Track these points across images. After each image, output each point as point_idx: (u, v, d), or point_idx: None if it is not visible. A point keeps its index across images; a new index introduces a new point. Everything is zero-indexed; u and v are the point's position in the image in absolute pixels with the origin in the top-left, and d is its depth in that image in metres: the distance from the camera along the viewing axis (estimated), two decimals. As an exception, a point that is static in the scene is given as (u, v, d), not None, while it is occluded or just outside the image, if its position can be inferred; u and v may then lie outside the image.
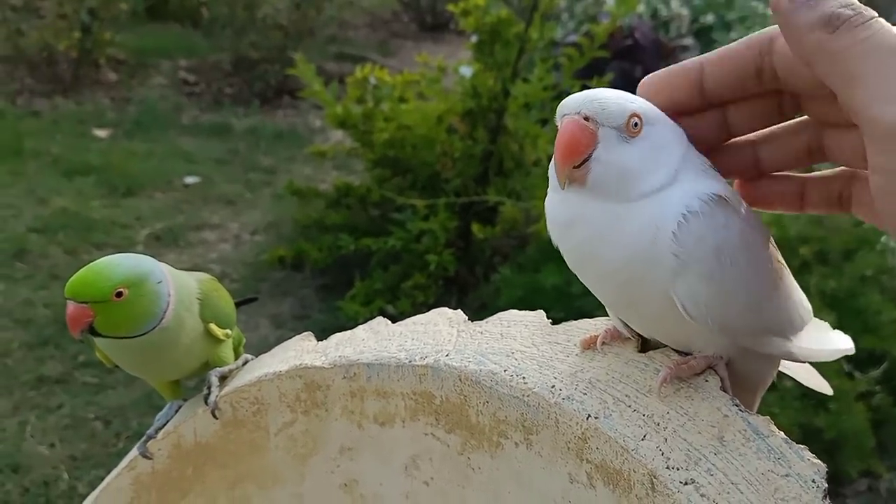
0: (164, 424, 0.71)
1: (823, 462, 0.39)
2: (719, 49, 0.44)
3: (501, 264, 2.55)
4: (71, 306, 0.59)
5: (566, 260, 0.45)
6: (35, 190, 3.19)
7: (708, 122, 0.46)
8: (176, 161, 3.59)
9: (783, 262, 0.48)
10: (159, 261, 0.68)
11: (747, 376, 0.47)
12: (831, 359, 0.52)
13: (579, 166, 0.42)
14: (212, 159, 3.65)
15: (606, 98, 0.42)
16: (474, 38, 2.58)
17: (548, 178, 0.45)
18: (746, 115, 0.46)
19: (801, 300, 0.48)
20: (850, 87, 0.37)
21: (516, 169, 2.58)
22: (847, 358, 2.11)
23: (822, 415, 1.93)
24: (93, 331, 0.61)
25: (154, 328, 0.62)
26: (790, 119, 0.47)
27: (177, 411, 0.72)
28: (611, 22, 2.69)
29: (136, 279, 0.61)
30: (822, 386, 0.57)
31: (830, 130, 0.45)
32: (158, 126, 3.92)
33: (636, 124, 0.42)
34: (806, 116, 0.46)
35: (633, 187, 0.42)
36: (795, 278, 0.51)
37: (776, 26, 0.41)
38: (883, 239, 2.31)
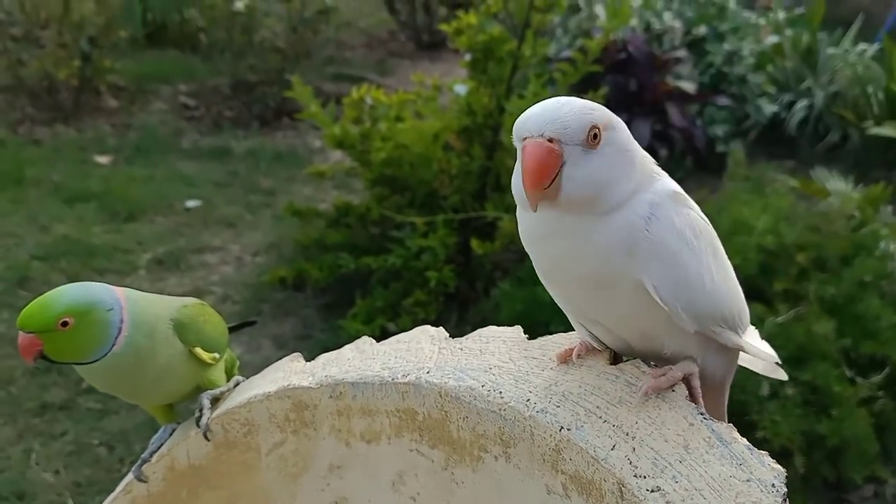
0: (159, 448, 0.73)
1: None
2: None
3: (501, 279, 2.56)
4: (21, 336, 0.63)
5: (538, 270, 0.47)
6: (37, 217, 3.21)
7: None
8: (176, 185, 3.61)
9: (727, 259, 0.50)
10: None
11: (713, 373, 0.49)
12: (767, 359, 0.55)
13: (549, 186, 0.43)
14: (212, 182, 3.68)
15: (566, 116, 0.43)
16: (468, 57, 2.60)
17: None
18: None
19: (743, 298, 0.51)
20: None
21: (513, 184, 2.59)
22: (848, 364, 2.12)
23: (824, 422, 1.92)
24: (47, 357, 0.63)
25: (106, 354, 0.64)
26: None
27: (171, 434, 0.73)
28: (604, 36, 2.72)
29: (82, 309, 0.63)
30: (780, 374, 0.60)
31: None
32: (159, 151, 3.95)
33: (595, 136, 0.43)
34: None
35: (605, 198, 0.43)
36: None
37: None
38: (881, 244, 2.32)
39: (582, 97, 0.48)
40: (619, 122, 0.44)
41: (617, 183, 0.43)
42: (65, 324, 0.62)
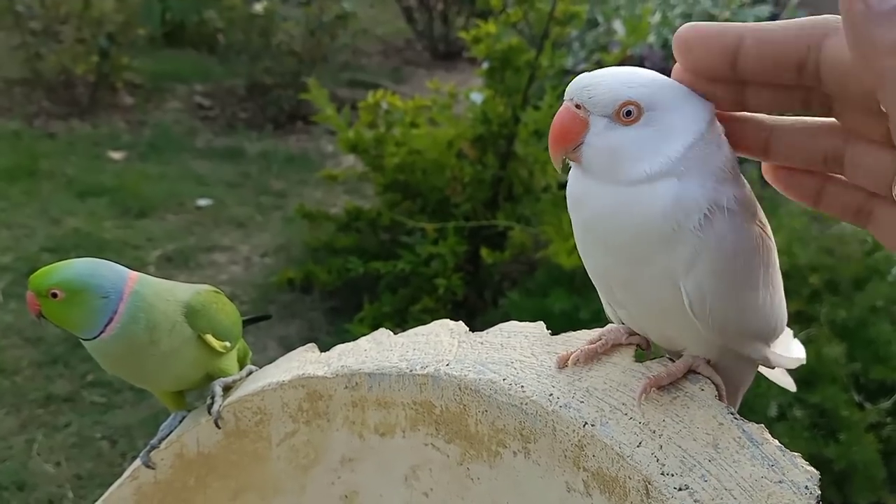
0: (168, 434, 0.72)
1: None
2: (766, 25, 0.39)
3: (510, 289, 2.55)
4: (28, 291, 0.65)
5: (575, 234, 0.46)
6: (49, 210, 3.22)
7: (725, 93, 0.42)
8: (188, 183, 3.62)
9: (778, 265, 0.48)
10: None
11: (729, 376, 0.47)
12: (792, 367, 0.53)
13: (575, 149, 0.43)
14: (224, 182, 3.69)
15: (597, 84, 0.42)
16: (485, 65, 2.60)
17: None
18: (768, 99, 0.42)
19: (785, 308, 0.49)
20: None
21: (525, 194, 2.59)
22: (857, 388, 2.10)
23: (832, 445, 1.91)
24: (47, 318, 0.65)
25: (95, 337, 0.64)
26: (814, 116, 0.42)
27: (180, 422, 0.73)
28: (621, 51, 2.72)
29: (74, 287, 0.63)
30: (788, 383, 0.58)
31: (858, 145, 0.41)
32: (172, 149, 3.97)
33: (629, 112, 0.41)
34: (832, 120, 0.42)
35: (623, 171, 0.42)
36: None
37: (834, 18, 0.37)
38: (894, 269, 2.30)
39: None
40: (673, 101, 0.42)
41: (638, 160, 0.42)
42: (54, 295, 0.63)
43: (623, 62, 2.95)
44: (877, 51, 0.33)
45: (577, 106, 0.42)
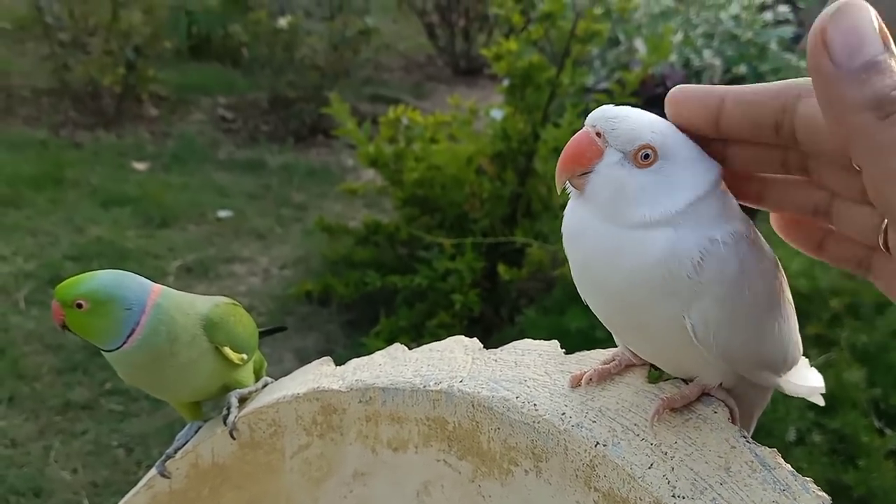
0: (184, 444, 0.73)
1: None
2: (744, 88, 0.41)
3: (527, 306, 2.55)
4: (53, 300, 0.65)
5: (572, 272, 0.46)
6: (73, 218, 3.27)
7: (711, 149, 0.44)
8: (210, 195, 3.66)
9: (792, 302, 0.48)
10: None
11: (743, 400, 0.47)
12: (808, 396, 0.53)
13: (581, 176, 0.43)
14: (245, 194, 3.72)
15: (623, 119, 0.42)
16: (506, 82, 2.61)
17: None
18: (751, 156, 0.43)
19: (798, 340, 0.49)
20: (892, 186, 0.33)
21: (544, 212, 2.59)
22: (877, 414, 2.07)
23: (850, 471, 1.88)
24: (71, 329, 0.66)
25: (117, 349, 0.65)
26: (793, 174, 0.43)
27: (196, 432, 0.73)
28: (643, 69, 2.72)
29: (99, 298, 0.64)
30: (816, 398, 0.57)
31: (840, 200, 0.42)
32: (195, 160, 4.01)
33: (647, 156, 0.41)
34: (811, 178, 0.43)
35: (623, 210, 0.42)
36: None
37: (807, 80, 0.37)
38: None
39: None
40: (688, 157, 0.42)
41: (642, 204, 0.42)
42: (79, 305, 0.64)
43: (644, 81, 2.95)
44: (846, 109, 0.33)
45: (598, 134, 0.43)
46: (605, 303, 0.45)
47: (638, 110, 0.43)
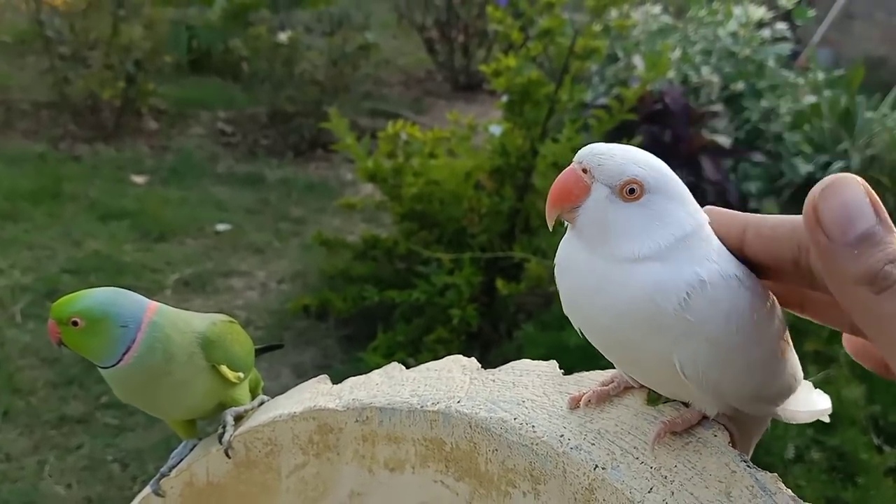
0: (178, 462, 0.72)
1: None
2: (764, 221, 0.41)
3: (525, 321, 2.54)
4: (50, 319, 0.65)
5: (563, 304, 0.46)
6: (70, 232, 3.26)
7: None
8: (208, 209, 3.66)
9: (789, 340, 0.48)
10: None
11: (742, 424, 0.47)
12: (810, 420, 0.52)
13: (571, 210, 0.43)
14: (243, 208, 3.72)
15: (609, 156, 0.43)
16: (505, 98, 2.62)
17: None
18: (781, 278, 0.43)
19: (795, 372, 0.48)
20: (893, 353, 0.34)
21: (542, 227, 2.59)
22: (876, 431, 2.06)
23: (850, 489, 1.88)
24: (67, 346, 0.65)
25: (113, 366, 0.64)
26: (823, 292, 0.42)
27: (191, 450, 0.73)
28: (641, 86, 2.73)
29: (94, 316, 0.64)
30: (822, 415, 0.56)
31: None
32: (194, 174, 4.01)
33: (633, 190, 0.42)
34: None
35: (612, 245, 0.42)
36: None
37: None
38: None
39: (622, 143, 0.47)
40: (675, 193, 0.42)
41: (629, 239, 0.42)
42: (75, 323, 0.63)
43: (642, 97, 2.96)
44: (844, 282, 0.34)
45: (584, 170, 0.43)
46: (595, 336, 0.45)
47: (627, 146, 0.44)
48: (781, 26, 4.01)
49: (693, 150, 3.24)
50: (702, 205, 0.45)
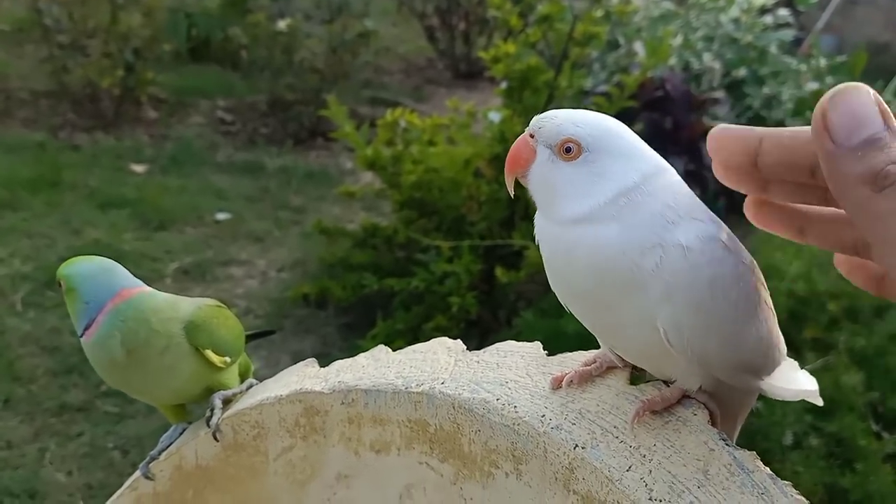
0: (168, 446, 0.72)
1: None
2: (782, 131, 0.42)
3: (524, 309, 2.54)
4: None
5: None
6: (70, 221, 3.26)
7: (752, 186, 0.44)
8: (208, 197, 3.65)
9: (771, 305, 0.47)
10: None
11: (726, 403, 0.47)
12: (796, 399, 0.52)
13: (524, 177, 0.45)
14: (243, 196, 3.72)
15: (550, 118, 0.44)
16: (504, 85, 2.61)
17: None
18: (790, 193, 0.44)
19: (779, 342, 0.48)
20: (891, 251, 0.35)
21: (542, 214, 2.59)
22: (875, 418, 2.06)
23: (847, 475, 1.87)
24: None
25: (81, 336, 0.66)
26: (833, 206, 0.44)
27: (181, 434, 0.73)
28: (642, 72, 2.72)
29: (69, 284, 0.67)
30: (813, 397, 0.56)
31: None
32: (193, 163, 4.01)
33: (569, 149, 0.43)
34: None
35: (557, 207, 0.43)
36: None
37: None
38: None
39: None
40: (619, 150, 0.42)
41: (571, 198, 0.42)
42: (59, 284, 0.68)
43: (643, 84, 2.94)
44: (845, 184, 0.35)
45: (532, 136, 0.44)
46: (575, 303, 0.45)
47: (574, 110, 0.44)
48: (784, 12, 3.99)
49: (694, 136, 3.22)
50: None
